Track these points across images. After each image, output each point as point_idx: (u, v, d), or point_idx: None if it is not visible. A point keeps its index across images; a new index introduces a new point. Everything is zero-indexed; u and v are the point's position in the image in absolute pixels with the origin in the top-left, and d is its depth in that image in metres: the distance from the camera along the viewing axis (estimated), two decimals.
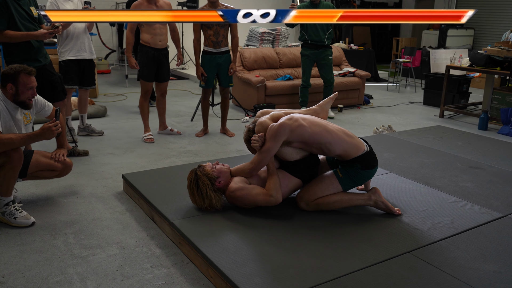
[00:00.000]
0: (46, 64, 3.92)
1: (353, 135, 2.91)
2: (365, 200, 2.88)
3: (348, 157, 2.82)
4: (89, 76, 4.69)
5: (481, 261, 2.37)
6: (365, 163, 2.84)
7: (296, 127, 2.72)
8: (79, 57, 4.51)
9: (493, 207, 3.06)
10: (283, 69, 7.02)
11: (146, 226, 2.92)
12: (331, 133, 2.78)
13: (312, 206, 2.85)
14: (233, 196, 2.81)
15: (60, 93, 4.05)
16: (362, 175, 2.86)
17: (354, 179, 2.86)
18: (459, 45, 11.49)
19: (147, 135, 4.83)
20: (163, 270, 2.43)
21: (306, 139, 2.76)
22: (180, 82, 8.96)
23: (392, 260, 2.35)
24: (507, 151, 4.45)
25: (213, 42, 4.76)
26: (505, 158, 4.20)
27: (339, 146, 2.78)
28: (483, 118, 5.82)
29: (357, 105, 7.12)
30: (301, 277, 2.16)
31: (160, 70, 4.78)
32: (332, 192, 2.85)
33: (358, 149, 2.83)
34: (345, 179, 2.85)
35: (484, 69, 6.05)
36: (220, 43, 4.78)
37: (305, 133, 2.73)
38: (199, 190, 2.80)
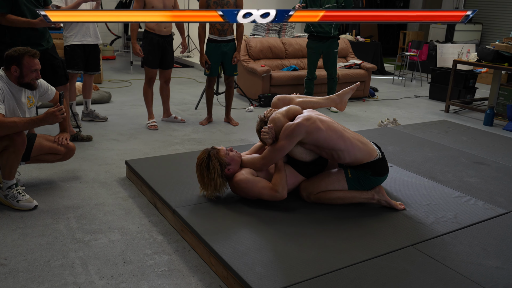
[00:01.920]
0: (48, 48, 3.90)
1: (367, 141, 2.88)
2: (368, 198, 2.84)
3: (359, 163, 2.80)
4: (94, 61, 4.67)
5: (484, 257, 2.36)
6: (376, 169, 2.81)
7: (313, 129, 2.66)
8: (84, 42, 4.49)
9: (497, 203, 3.04)
10: (289, 60, 6.98)
11: (149, 213, 2.92)
12: (346, 140, 2.73)
13: (313, 198, 2.83)
14: (238, 186, 2.79)
15: (62, 78, 4.03)
16: (371, 181, 2.83)
17: (362, 183, 2.82)
18: (467, 40, 11.39)
19: (151, 122, 4.81)
20: (165, 257, 2.43)
21: (320, 142, 2.71)
22: (185, 70, 8.92)
23: (395, 253, 2.34)
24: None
25: (219, 30, 4.73)
26: (510, 154, 4.17)
27: (351, 154, 2.75)
28: (489, 114, 5.78)
29: (362, 97, 7.08)
30: (303, 268, 2.16)
31: (164, 57, 4.76)
32: (336, 188, 2.82)
33: (370, 156, 2.80)
34: (353, 180, 2.81)
35: (492, 64, 6.00)
36: (225, 31, 4.75)
37: (320, 136, 2.68)
38: (208, 172, 2.74)
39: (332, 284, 2.05)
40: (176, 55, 9.91)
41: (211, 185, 2.76)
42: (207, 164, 2.74)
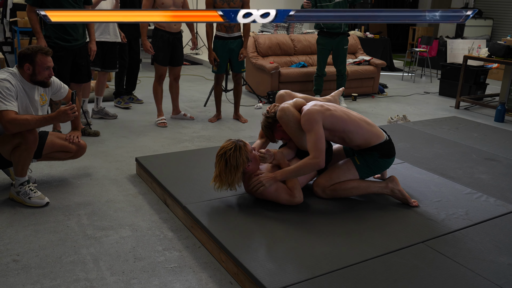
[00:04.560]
0: (76, 45, 3.95)
1: (373, 123, 2.90)
2: (382, 187, 2.85)
3: (367, 145, 2.81)
4: (111, 59, 4.72)
5: (496, 254, 2.34)
6: (384, 151, 2.83)
7: (326, 112, 2.68)
8: (102, 39, 4.53)
9: (509, 199, 3.02)
10: (298, 56, 6.97)
11: (159, 209, 2.93)
12: (354, 122, 2.76)
13: (328, 192, 2.83)
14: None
15: (84, 76, 4.17)
16: (380, 163, 2.84)
17: (372, 167, 2.84)
18: (477, 35, 11.27)
19: (160, 119, 4.83)
20: (175, 253, 2.44)
21: (333, 125, 2.70)
22: (193, 67, 8.94)
23: (405, 250, 2.33)
24: None
25: (226, 27, 4.73)
26: None
27: (360, 135, 2.77)
28: (500, 110, 5.72)
29: (371, 94, 7.05)
30: (313, 264, 2.15)
31: (174, 54, 4.77)
32: (349, 178, 2.83)
33: (378, 137, 2.82)
34: (362, 166, 2.83)
35: (503, 60, 5.94)
36: (232, 28, 4.75)
37: (333, 119, 2.69)
38: (230, 162, 2.58)
39: (342, 281, 2.04)
40: (185, 52, 9.93)
41: (229, 177, 2.60)
42: (232, 154, 2.59)
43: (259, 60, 6.52)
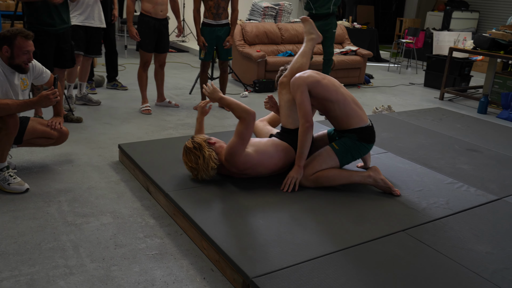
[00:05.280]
0: (61, 29, 3.89)
1: (361, 106, 2.95)
2: (364, 177, 2.87)
3: (347, 125, 2.88)
4: (96, 44, 4.64)
5: (474, 242, 2.38)
6: (363, 135, 2.87)
7: (310, 77, 2.86)
8: (87, 24, 4.46)
9: (489, 189, 3.06)
10: (285, 45, 6.94)
11: (141, 197, 2.91)
12: (339, 94, 2.87)
13: (311, 180, 2.85)
14: (227, 152, 2.76)
15: (68, 62, 4.12)
16: (358, 147, 2.88)
17: (351, 150, 2.88)
18: (463, 27, 11.35)
19: (144, 106, 4.78)
20: (157, 240, 2.43)
21: (317, 92, 2.85)
22: (179, 54, 8.86)
23: (386, 238, 2.35)
24: (505, 135, 4.44)
25: (213, 14, 4.69)
26: (502, 142, 4.19)
27: (342, 109, 2.86)
28: (483, 102, 5.78)
29: (357, 84, 7.06)
30: (294, 252, 2.16)
31: (160, 40, 4.71)
32: (330, 165, 2.86)
33: (361, 120, 2.88)
34: (341, 151, 2.87)
35: (488, 52, 5.99)
36: (220, 15, 4.71)
37: (318, 86, 2.84)
38: (195, 150, 2.78)
39: (323, 268, 2.05)
40: (171, 39, 9.83)
41: (201, 160, 2.75)
42: (192, 146, 2.80)
43: (246, 48, 6.48)
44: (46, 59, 3.83)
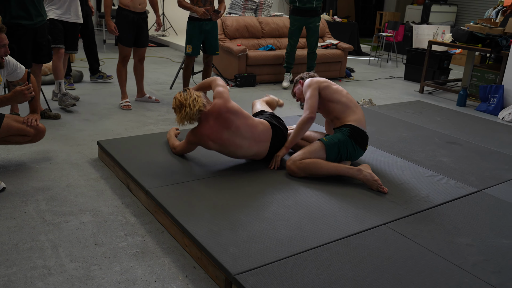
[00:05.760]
0: (37, 23, 3.79)
1: (363, 114, 3.14)
2: (353, 170, 2.87)
3: (344, 121, 3.04)
4: (72, 40, 4.53)
5: (455, 234, 2.40)
6: (355, 134, 2.99)
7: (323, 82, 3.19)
8: (63, 19, 4.34)
9: (469, 182, 3.10)
10: (266, 39, 6.91)
11: (121, 194, 2.87)
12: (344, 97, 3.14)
13: (299, 165, 2.89)
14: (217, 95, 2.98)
15: (45, 56, 4.03)
16: (347, 143, 2.95)
17: (339, 144, 2.94)
18: (442, 21, 11.47)
19: (124, 102, 4.71)
20: (138, 238, 2.39)
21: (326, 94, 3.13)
22: (160, 49, 8.75)
23: (368, 232, 2.36)
24: (484, 127, 4.51)
25: None
26: (481, 134, 4.25)
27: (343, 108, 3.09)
28: (462, 95, 5.85)
29: (338, 78, 7.08)
30: (276, 247, 2.15)
31: (139, 34, 4.64)
32: (318, 154, 2.92)
33: (358, 122, 3.05)
34: (328, 143, 2.94)
35: (466, 45, 6.06)
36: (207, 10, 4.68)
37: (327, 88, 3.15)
38: (189, 91, 2.96)
39: (305, 263, 2.05)
40: (151, 33, 9.72)
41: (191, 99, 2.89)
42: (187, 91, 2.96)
43: (227, 42, 6.44)
44: (24, 54, 3.74)
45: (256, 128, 2.97)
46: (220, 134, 2.88)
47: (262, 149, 3.03)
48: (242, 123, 2.91)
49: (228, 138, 2.89)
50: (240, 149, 2.94)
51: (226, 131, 2.88)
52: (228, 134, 2.88)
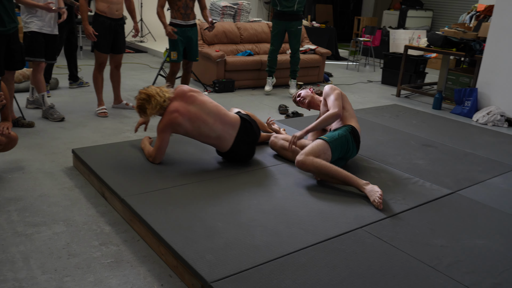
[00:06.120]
0: (9, 30, 3.72)
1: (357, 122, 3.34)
2: (362, 182, 2.84)
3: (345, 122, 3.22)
4: (51, 50, 4.43)
5: (430, 236, 2.43)
6: (355, 132, 3.17)
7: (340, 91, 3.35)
8: (44, 31, 4.25)
9: (443, 183, 3.14)
10: (244, 45, 6.92)
11: (96, 203, 2.82)
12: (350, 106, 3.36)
13: (313, 161, 2.88)
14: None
15: (18, 63, 3.94)
16: (347, 139, 3.10)
17: (341, 138, 3.06)
18: (418, 26, 11.67)
19: (100, 109, 4.65)
20: (113, 248, 2.35)
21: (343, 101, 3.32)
22: (138, 55, 8.69)
23: (344, 236, 2.37)
24: (459, 130, 4.58)
25: (182, 14, 4.67)
26: (456, 136, 4.31)
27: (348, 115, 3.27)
28: (437, 98, 5.95)
29: (317, 82, 7.13)
30: (253, 254, 2.14)
31: (116, 41, 4.60)
32: (322, 151, 2.95)
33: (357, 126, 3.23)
34: (331, 140, 3.03)
35: (441, 49, 6.16)
36: (189, 15, 4.72)
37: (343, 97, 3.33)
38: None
39: (282, 269, 2.04)
40: (129, 40, 9.64)
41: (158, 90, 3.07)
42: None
43: (205, 48, 6.42)
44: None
45: (223, 111, 3.14)
46: (187, 108, 3.04)
47: (227, 135, 3.09)
48: (207, 100, 3.12)
49: (195, 112, 3.03)
50: (206, 125, 3.04)
51: (192, 105, 3.05)
52: (195, 108, 3.05)
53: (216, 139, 3.10)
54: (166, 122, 3.05)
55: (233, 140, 3.11)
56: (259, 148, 3.59)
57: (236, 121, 3.15)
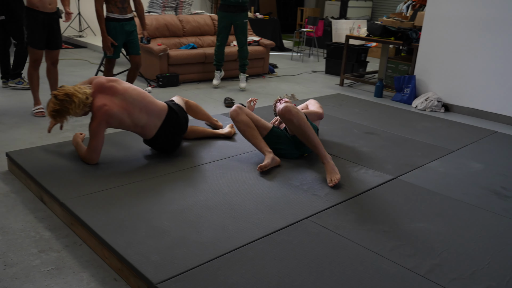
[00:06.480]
0: None
1: None
2: (327, 156, 3.04)
3: None
4: None
5: (373, 222, 2.49)
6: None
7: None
8: None
9: (385, 170, 3.24)
10: (187, 38, 6.81)
11: (34, 208, 2.69)
12: None
13: (295, 110, 3.03)
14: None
15: None
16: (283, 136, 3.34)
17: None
18: (359, 15, 11.95)
19: (37, 109, 4.44)
20: (53, 254, 2.25)
21: None
22: (77, 51, 8.36)
23: (291, 227, 2.39)
24: (399, 116, 4.74)
25: (119, 8, 4.54)
26: (396, 123, 4.46)
27: None
28: (378, 86, 6.12)
29: (261, 74, 7.15)
30: (200, 251, 2.11)
31: (51, 36, 4.39)
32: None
33: None
34: None
35: (380, 39, 6.34)
36: (126, 9, 4.62)
37: None
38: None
39: (229, 264, 2.03)
40: (67, 35, 9.25)
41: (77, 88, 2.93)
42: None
43: None
44: None
45: (148, 98, 3.09)
46: (112, 100, 2.96)
47: (151, 125, 3.07)
48: (129, 87, 3.06)
49: (120, 103, 2.97)
50: (132, 115, 2.99)
51: (115, 97, 2.97)
52: (119, 99, 2.97)
53: (141, 128, 3.07)
54: (100, 118, 2.94)
55: (157, 130, 3.10)
56: (203, 143, 3.55)
57: (162, 110, 3.13)
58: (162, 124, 3.10)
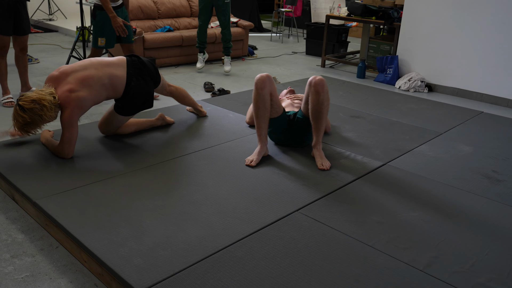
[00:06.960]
0: None
1: None
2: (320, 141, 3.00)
3: None
4: None
5: (366, 213, 2.39)
6: None
7: None
8: None
9: (374, 155, 3.14)
10: (162, 20, 6.56)
11: (5, 208, 2.51)
12: None
13: (326, 87, 3.11)
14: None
15: None
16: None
17: None
18: None
19: (6, 99, 4.20)
20: (27, 259, 2.09)
21: None
22: (47, 35, 8.00)
23: (282, 221, 2.27)
24: (383, 98, 4.64)
25: None
26: (382, 105, 4.37)
27: None
28: (361, 67, 6.02)
29: (241, 56, 6.96)
30: (186, 252, 1.98)
31: (18, 21, 4.12)
32: None
33: None
34: None
35: (361, 18, 6.20)
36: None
37: None
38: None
39: (218, 266, 1.91)
40: (36, 18, 8.86)
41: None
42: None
43: None
44: None
45: (100, 58, 3.03)
46: (68, 81, 2.83)
47: (117, 72, 2.97)
48: (77, 63, 2.95)
49: (76, 77, 2.84)
50: (93, 77, 2.87)
51: (69, 77, 2.85)
52: (72, 77, 2.85)
53: (110, 84, 2.93)
54: (71, 108, 2.77)
55: (125, 75, 2.99)
56: (184, 132, 3.39)
57: (121, 59, 3.07)
58: (128, 69, 3.01)
